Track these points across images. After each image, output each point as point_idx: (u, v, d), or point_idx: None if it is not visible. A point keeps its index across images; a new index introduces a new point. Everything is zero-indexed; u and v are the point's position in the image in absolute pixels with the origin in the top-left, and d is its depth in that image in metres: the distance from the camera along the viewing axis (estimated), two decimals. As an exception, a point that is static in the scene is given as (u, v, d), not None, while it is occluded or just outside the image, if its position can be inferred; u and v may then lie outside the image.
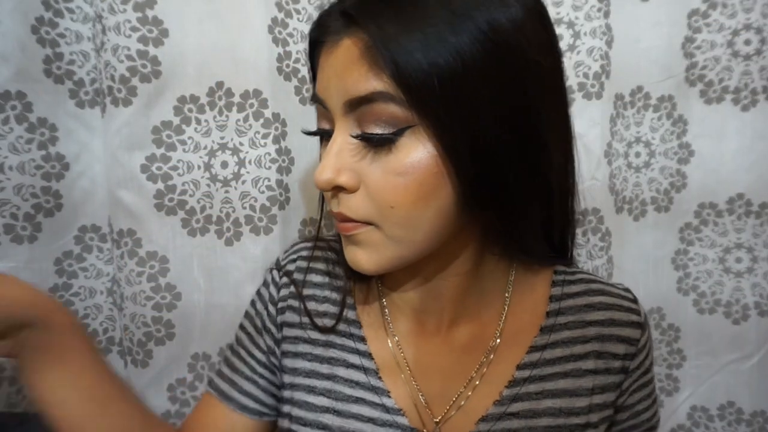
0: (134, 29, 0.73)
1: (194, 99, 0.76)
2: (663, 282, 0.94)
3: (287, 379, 0.62)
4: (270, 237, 0.79)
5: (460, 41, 0.43)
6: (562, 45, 0.82)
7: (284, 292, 0.64)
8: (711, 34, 0.86)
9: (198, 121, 0.77)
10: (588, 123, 0.84)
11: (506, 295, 0.59)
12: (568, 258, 0.63)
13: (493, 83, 0.45)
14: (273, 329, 0.65)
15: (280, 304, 0.64)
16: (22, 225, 0.74)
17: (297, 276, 0.65)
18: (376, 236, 0.50)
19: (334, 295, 0.63)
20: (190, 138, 0.77)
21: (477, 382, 0.57)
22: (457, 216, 0.49)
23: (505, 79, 0.45)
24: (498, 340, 0.58)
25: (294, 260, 0.66)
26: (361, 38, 0.46)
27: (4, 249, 0.72)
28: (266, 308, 0.66)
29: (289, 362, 0.62)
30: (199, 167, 0.77)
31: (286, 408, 0.62)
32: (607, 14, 0.82)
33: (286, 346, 0.63)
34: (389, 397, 0.58)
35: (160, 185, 0.76)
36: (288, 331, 0.63)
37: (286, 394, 0.62)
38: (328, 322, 0.61)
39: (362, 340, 0.60)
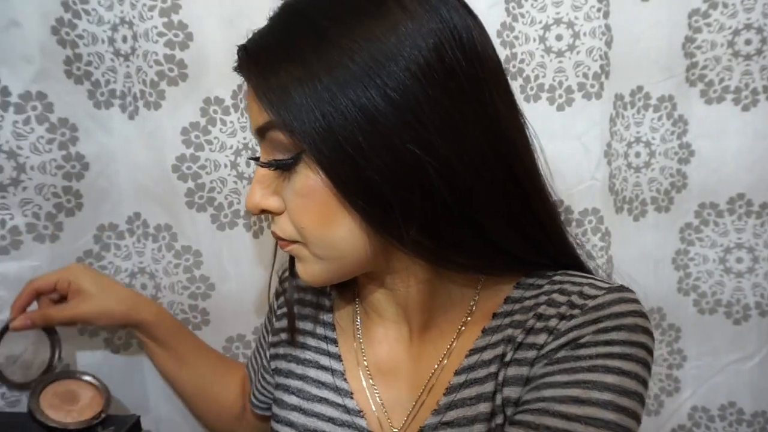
0: (161, 34, 0.76)
1: (219, 101, 0.80)
2: (663, 282, 0.93)
3: (275, 379, 0.67)
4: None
5: (339, 100, 0.45)
6: (562, 45, 0.82)
7: (281, 299, 0.71)
8: (711, 34, 0.86)
9: (223, 122, 0.81)
10: (587, 123, 0.84)
11: (471, 303, 0.57)
12: (569, 265, 0.57)
13: (396, 124, 0.45)
14: (269, 336, 0.71)
15: (278, 312, 0.71)
16: (44, 224, 0.75)
17: (297, 281, 0.66)
18: (305, 252, 0.53)
19: (317, 299, 0.67)
20: (216, 138, 0.81)
21: (429, 393, 0.56)
22: (375, 236, 0.49)
23: (392, 127, 0.45)
24: (455, 344, 0.56)
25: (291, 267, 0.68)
26: (253, 74, 0.50)
27: (27, 248, 0.74)
28: (267, 317, 0.74)
29: (276, 363, 0.67)
30: (225, 165, 0.82)
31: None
32: (606, 14, 0.82)
33: (275, 350, 0.69)
34: (351, 398, 0.59)
35: (191, 184, 0.81)
36: (280, 336, 0.68)
37: (274, 392, 0.66)
38: (307, 325, 0.66)
39: (334, 342, 0.63)
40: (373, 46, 0.45)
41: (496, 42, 0.82)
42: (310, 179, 0.48)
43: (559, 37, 0.82)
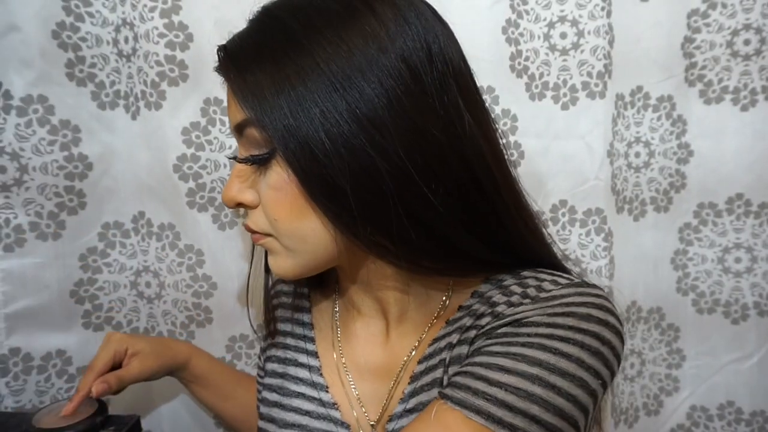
0: (161, 35, 0.77)
1: (218, 101, 0.81)
2: (662, 282, 0.94)
3: (264, 380, 0.69)
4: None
5: (313, 108, 0.47)
6: (566, 43, 0.82)
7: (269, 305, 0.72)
8: (710, 34, 0.87)
9: (223, 123, 0.82)
10: (591, 122, 0.84)
11: (444, 298, 0.58)
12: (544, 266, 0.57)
13: (356, 131, 0.47)
14: (262, 342, 0.73)
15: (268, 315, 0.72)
16: (47, 223, 0.79)
17: (280, 287, 0.72)
18: (276, 245, 0.54)
19: (297, 302, 0.70)
20: (216, 138, 0.82)
21: (395, 384, 0.58)
22: (339, 233, 0.51)
23: (378, 122, 0.47)
24: (421, 338, 0.58)
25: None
26: (231, 75, 0.51)
27: (30, 245, 0.78)
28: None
29: (265, 365, 0.69)
30: (225, 165, 0.82)
31: None
32: (609, 13, 0.82)
33: (265, 354, 0.70)
34: (327, 392, 0.61)
35: (192, 183, 0.82)
36: (268, 339, 0.70)
37: (261, 393, 0.69)
38: (287, 326, 0.68)
39: (312, 341, 0.66)
40: (340, 50, 0.47)
41: (500, 38, 0.82)
42: (282, 175, 0.50)
43: (563, 35, 0.82)
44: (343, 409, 0.60)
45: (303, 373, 0.64)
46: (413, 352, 0.58)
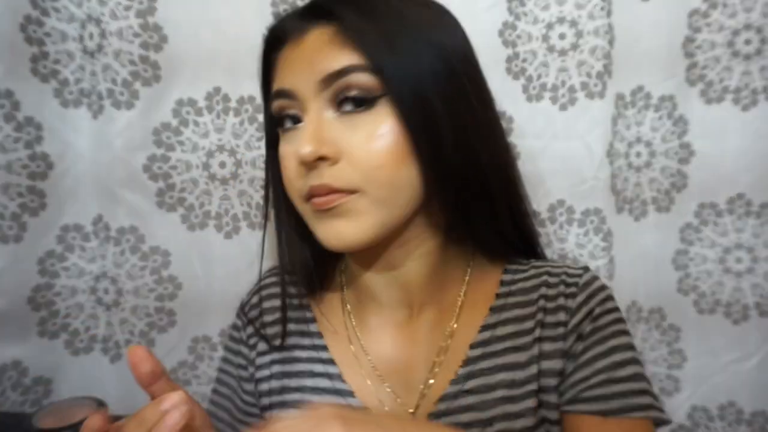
0: (136, 35, 0.76)
1: (192, 102, 0.79)
2: (663, 282, 0.93)
3: (265, 401, 0.65)
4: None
5: (423, 46, 0.54)
6: (565, 44, 0.82)
7: (250, 329, 0.68)
8: (711, 34, 0.86)
9: (196, 124, 0.80)
10: (590, 122, 0.84)
11: (465, 279, 0.63)
12: (533, 254, 0.67)
13: (447, 87, 0.54)
14: (251, 369, 0.67)
15: (250, 340, 0.68)
16: (9, 224, 0.75)
17: (265, 304, 0.68)
18: (362, 203, 0.53)
19: (294, 314, 0.67)
20: (188, 139, 0.80)
21: (437, 369, 0.60)
22: (425, 187, 0.55)
23: (457, 86, 0.55)
24: (455, 324, 0.61)
25: (255, 299, 0.70)
26: (329, 27, 0.53)
27: None
28: (235, 358, 0.69)
29: (264, 386, 0.65)
30: (197, 166, 0.81)
31: None
32: (609, 13, 0.82)
33: (259, 373, 0.66)
34: (354, 396, 0.60)
35: (161, 184, 0.80)
36: (260, 360, 0.66)
37: (267, 414, 0.65)
38: (293, 339, 0.65)
39: (324, 348, 0.64)
40: (433, 24, 0.57)
41: (497, 41, 0.82)
42: (387, 121, 0.52)
43: (562, 36, 0.82)
44: (374, 408, 0.59)
45: (323, 383, 0.62)
46: (448, 340, 0.60)
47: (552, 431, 0.58)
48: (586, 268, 0.63)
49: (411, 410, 0.59)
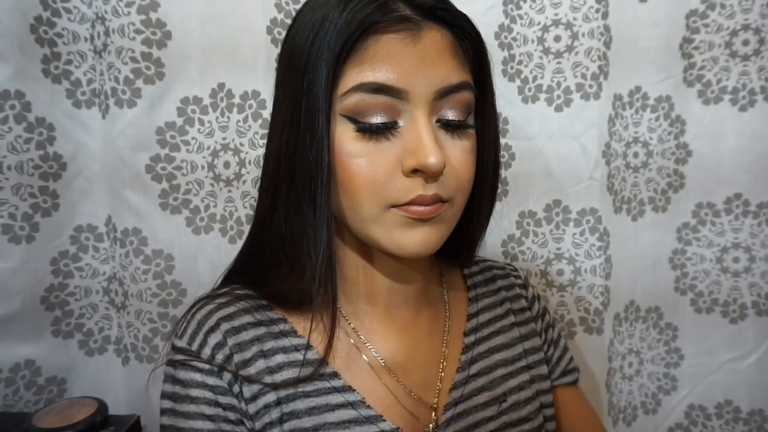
0: (138, 32, 0.74)
1: (197, 100, 0.78)
2: (661, 281, 0.94)
3: None
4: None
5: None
6: (560, 46, 0.83)
7: (227, 376, 0.54)
8: (709, 35, 0.86)
9: (201, 122, 0.79)
10: (586, 123, 0.84)
11: (443, 276, 0.68)
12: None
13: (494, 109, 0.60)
14: (247, 422, 0.54)
15: (247, 395, 0.54)
16: (21, 225, 0.75)
17: (232, 341, 0.55)
18: (450, 212, 0.55)
19: (282, 342, 0.57)
20: (193, 138, 0.79)
21: (444, 362, 0.62)
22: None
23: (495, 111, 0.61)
24: (446, 317, 0.65)
25: (214, 338, 0.56)
26: (441, 32, 0.52)
27: (2, 249, 0.74)
28: (218, 404, 0.54)
29: (281, 427, 0.54)
30: (202, 167, 0.79)
31: None
32: (605, 15, 0.82)
33: (259, 423, 0.54)
34: (384, 420, 0.55)
35: (165, 185, 0.78)
36: (251, 407, 0.54)
37: None
38: (292, 373, 0.55)
39: (335, 375, 0.56)
40: None
41: (494, 43, 0.83)
42: (472, 138, 0.55)
43: (557, 38, 0.83)
44: (408, 427, 0.56)
45: (348, 414, 0.55)
46: (446, 333, 0.63)
47: (544, 400, 0.67)
48: (513, 267, 0.75)
49: (434, 406, 0.58)
